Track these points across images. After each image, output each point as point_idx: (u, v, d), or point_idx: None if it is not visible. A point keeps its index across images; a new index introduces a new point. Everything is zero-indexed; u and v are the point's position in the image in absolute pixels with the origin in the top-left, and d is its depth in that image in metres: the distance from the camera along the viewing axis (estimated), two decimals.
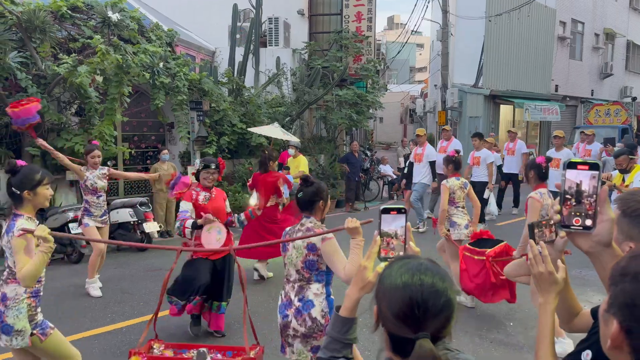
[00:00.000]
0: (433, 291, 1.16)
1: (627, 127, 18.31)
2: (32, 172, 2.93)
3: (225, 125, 10.59)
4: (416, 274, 1.19)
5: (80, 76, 7.35)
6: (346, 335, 1.50)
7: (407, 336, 1.15)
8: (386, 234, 1.50)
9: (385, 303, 1.20)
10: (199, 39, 14.64)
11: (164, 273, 6.73)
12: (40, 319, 3.01)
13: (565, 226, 1.13)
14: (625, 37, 25.67)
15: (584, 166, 1.11)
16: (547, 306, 1.52)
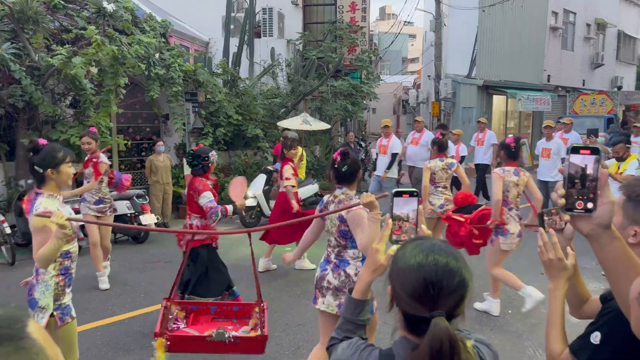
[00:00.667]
0: (447, 270, 1.19)
1: (613, 117, 18.17)
2: (54, 150, 2.91)
3: (221, 116, 10.55)
4: (430, 254, 1.22)
5: (75, 67, 7.28)
6: (359, 316, 1.53)
7: (422, 315, 1.18)
8: (398, 217, 1.52)
9: (400, 283, 1.23)
10: (193, 29, 14.53)
11: (163, 264, 6.78)
12: (65, 302, 2.95)
13: (568, 209, 1.16)
14: (616, 27, 25.80)
15: (586, 151, 1.14)
16: (557, 292, 1.57)
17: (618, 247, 1.15)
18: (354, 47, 14.79)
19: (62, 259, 2.87)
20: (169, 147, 10.31)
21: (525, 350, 4.38)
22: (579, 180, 1.15)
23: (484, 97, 19.44)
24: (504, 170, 4.98)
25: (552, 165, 8.84)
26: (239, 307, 3.54)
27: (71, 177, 2.98)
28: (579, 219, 1.17)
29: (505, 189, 4.96)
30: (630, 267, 1.14)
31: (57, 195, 2.91)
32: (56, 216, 2.55)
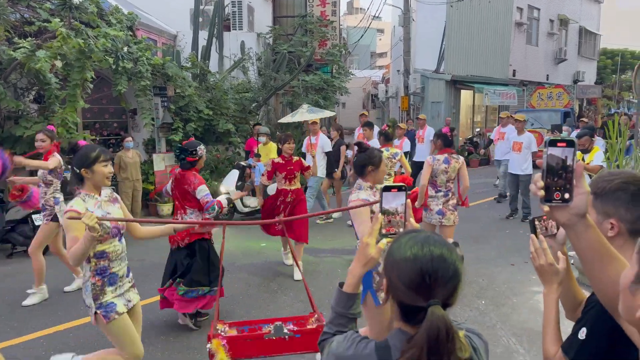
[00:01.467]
0: (442, 261, 1.23)
1: (569, 111, 18.22)
2: (88, 150, 2.96)
3: (191, 111, 10.38)
4: (425, 246, 1.26)
5: (40, 61, 7.03)
6: (350, 310, 1.55)
7: (418, 304, 1.21)
8: (387, 211, 1.55)
9: (396, 274, 1.26)
10: (160, 22, 14.23)
11: (137, 262, 6.64)
12: (107, 300, 2.97)
13: (547, 201, 1.20)
14: (577, 23, 26.54)
15: (563, 143, 1.19)
16: (550, 296, 1.63)
17: (593, 235, 1.19)
18: (325, 42, 14.78)
19: (96, 260, 2.93)
20: (137, 142, 10.10)
21: (500, 340, 4.48)
22: (556, 172, 1.19)
23: (452, 91, 19.74)
24: (434, 159, 5.64)
25: (522, 158, 9.07)
26: (293, 322, 3.35)
27: (107, 177, 2.99)
28: (556, 209, 1.21)
29: (434, 174, 5.60)
30: (605, 254, 1.19)
31: (95, 195, 2.96)
32: (87, 217, 2.57)
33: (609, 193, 1.55)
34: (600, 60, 31.40)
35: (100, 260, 2.94)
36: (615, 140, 6.10)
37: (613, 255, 1.20)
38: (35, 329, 4.71)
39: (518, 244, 7.50)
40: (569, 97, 19.34)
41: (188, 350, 4.25)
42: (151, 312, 5.01)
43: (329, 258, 6.98)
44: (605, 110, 25.81)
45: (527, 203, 9.07)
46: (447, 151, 5.64)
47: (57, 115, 7.61)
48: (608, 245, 1.21)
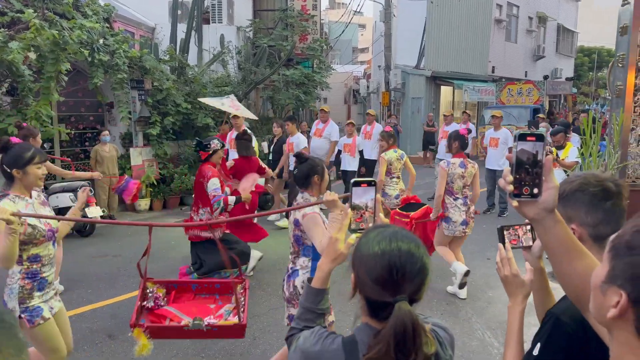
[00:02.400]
0: (410, 256, 1.23)
1: (539, 107, 17.76)
2: (22, 150, 2.80)
3: (169, 105, 10.25)
4: (393, 241, 1.25)
5: (13, 53, 6.87)
6: (318, 305, 1.54)
7: (385, 300, 1.21)
8: (357, 206, 1.53)
9: (364, 269, 1.25)
10: (138, 14, 14.01)
11: (112, 259, 6.56)
12: (33, 304, 2.83)
13: (516, 195, 1.19)
14: (556, 21, 26.91)
15: (532, 137, 1.18)
16: (515, 307, 1.57)
17: (561, 230, 1.18)
18: (306, 36, 14.73)
19: (29, 263, 2.78)
20: (114, 136, 9.94)
21: (475, 333, 4.54)
22: (525, 166, 1.18)
23: (432, 87, 19.87)
24: (449, 163, 5.23)
25: (499, 154, 9.18)
26: (221, 285, 3.44)
27: (40, 178, 2.86)
28: (525, 205, 1.20)
29: (450, 180, 5.21)
30: (573, 249, 1.18)
31: (25, 197, 2.82)
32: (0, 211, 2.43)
33: (569, 195, 1.48)
34: (578, 57, 31.91)
35: (33, 263, 2.81)
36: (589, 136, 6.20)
37: (581, 251, 1.19)
38: None
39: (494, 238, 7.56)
40: (539, 94, 18.82)
41: (164, 346, 4.21)
42: (125, 308, 4.96)
43: None
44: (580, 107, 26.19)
45: (504, 198, 9.19)
46: (462, 155, 5.27)
47: (31, 108, 7.45)
48: (576, 240, 1.20)
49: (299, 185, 3.23)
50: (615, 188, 1.47)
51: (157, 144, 10.04)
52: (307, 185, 3.18)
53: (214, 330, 2.96)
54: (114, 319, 4.75)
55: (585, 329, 1.32)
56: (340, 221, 1.54)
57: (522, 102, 18.69)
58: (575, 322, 1.36)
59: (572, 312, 1.37)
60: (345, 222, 1.51)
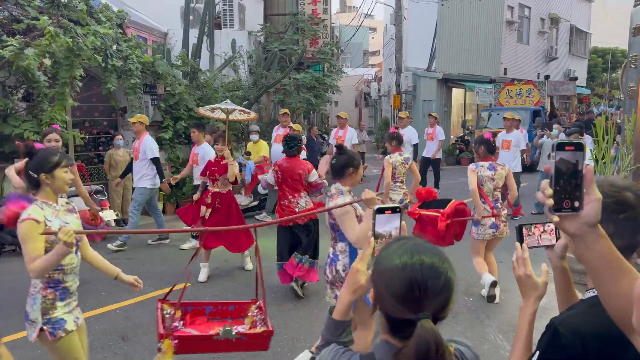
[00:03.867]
0: (433, 271, 1.16)
1: (540, 109, 16.74)
2: (49, 155, 2.73)
3: (182, 109, 10.35)
4: (415, 254, 1.18)
5: (28, 59, 6.99)
6: (340, 338, 1.46)
7: (407, 317, 1.14)
8: (380, 235, 1.44)
9: (384, 284, 1.19)
10: (151, 20, 14.18)
11: (125, 261, 6.63)
12: (56, 316, 2.74)
13: (556, 209, 1.11)
14: (568, 22, 26.70)
15: (571, 147, 1.10)
16: (526, 309, 1.51)
17: (605, 246, 1.09)
18: (316, 40, 14.78)
19: (51, 272, 2.68)
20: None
21: (487, 336, 4.52)
22: (565, 178, 1.10)
23: (443, 90, 19.82)
24: (478, 165, 5.16)
25: (511, 156, 9.12)
26: (235, 307, 3.40)
27: (68, 183, 2.79)
28: (565, 219, 1.12)
29: (479, 182, 5.12)
30: (617, 266, 1.10)
31: (52, 203, 2.74)
32: (64, 233, 2.38)
33: None
34: (591, 58, 31.62)
35: (55, 272, 2.71)
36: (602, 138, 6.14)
37: (626, 267, 1.10)
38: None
39: (506, 241, 7.52)
40: (539, 95, 17.55)
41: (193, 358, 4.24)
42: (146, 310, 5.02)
43: None
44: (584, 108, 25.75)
45: (518, 201, 9.13)
46: (490, 159, 5.22)
47: (46, 114, 7.57)
48: (620, 256, 1.11)
49: (334, 174, 3.48)
50: (635, 199, 1.38)
51: (170, 148, 10.14)
52: (341, 176, 3.46)
53: (243, 339, 2.93)
54: (127, 321, 4.80)
55: (584, 343, 1.27)
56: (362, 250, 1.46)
57: (522, 104, 17.38)
58: (574, 335, 1.31)
59: (571, 324, 1.33)
60: (368, 252, 1.42)
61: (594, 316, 1.32)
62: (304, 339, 4.40)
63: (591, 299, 1.38)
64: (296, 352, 4.16)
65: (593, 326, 1.30)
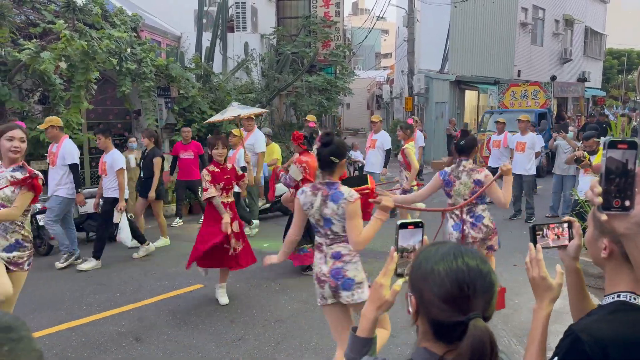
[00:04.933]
0: (478, 272, 1.17)
1: (545, 112, 16.04)
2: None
3: (195, 112, 10.42)
4: (459, 257, 1.18)
5: (44, 63, 7.09)
6: (366, 355, 1.44)
7: (456, 319, 1.13)
8: (404, 249, 1.43)
9: (429, 287, 1.17)
10: (164, 23, 14.30)
11: (139, 262, 6.68)
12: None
13: (605, 208, 1.09)
14: (583, 23, 26.43)
15: (624, 145, 1.08)
16: (540, 312, 1.48)
17: None
18: (328, 42, 14.81)
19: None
20: (141, 143, 10.13)
21: (500, 340, 4.47)
22: (616, 176, 1.08)
23: (456, 92, 19.70)
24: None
25: (526, 158, 9.04)
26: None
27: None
28: (614, 218, 1.10)
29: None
30: None
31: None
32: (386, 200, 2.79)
33: None
34: (607, 60, 31.26)
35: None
36: None
37: None
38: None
39: (521, 245, 7.46)
40: (545, 96, 16.76)
41: (189, 349, 4.26)
42: (160, 311, 5.05)
43: None
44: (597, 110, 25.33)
45: (531, 204, 9.04)
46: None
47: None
48: None
49: (464, 154, 4.24)
50: None
51: None
52: (469, 154, 4.27)
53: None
54: (141, 321, 4.83)
55: (605, 351, 1.25)
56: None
57: (527, 106, 16.57)
58: (595, 343, 1.28)
59: (594, 331, 1.30)
60: (391, 267, 1.40)
61: (615, 323, 1.30)
62: (316, 342, 4.39)
63: (611, 305, 1.35)
64: (309, 354, 4.16)
65: (614, 333, 1.28)
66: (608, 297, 1.39)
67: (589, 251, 1.45)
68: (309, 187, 3.15)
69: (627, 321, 1.27)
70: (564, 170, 8.91)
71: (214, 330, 4.61)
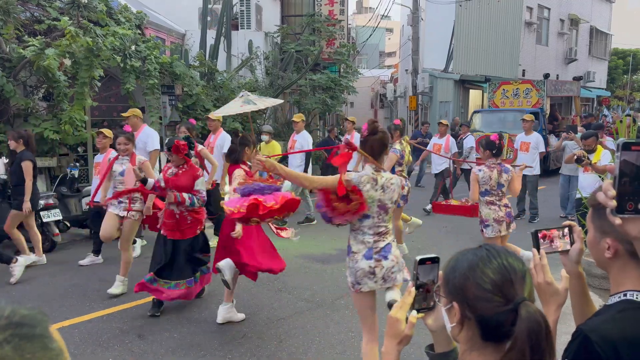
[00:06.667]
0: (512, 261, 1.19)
1: (538, 112, 14.91)
2: None
3: (199, 109, 10.43)
4: (490, 250, 1.22)
5: (48, 59, 7.10)
6: None
7: (506, 309, 1.13)
8: (423, 284, 1.42)
9: (472, 283, 1.18)
10: (169, 21, 14.31)
11: (142, 259, 6.69)
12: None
13: (619, 211, 1.07)
14: (588, 23, 26.33)
15: (637, 147, 1.06)
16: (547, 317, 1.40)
17: None
18: (333, 41, 14.78)
19: None
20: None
21: None
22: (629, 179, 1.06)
23: (460, 91, 19.69)
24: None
25: (530, 158, 8.98)
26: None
27: None
28: (627, 221, 1.08)
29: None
30: None
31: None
32: None
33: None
34: (612, 60, 31.12)
35: None
36: None
37: None
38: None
39: (524, 245, 7.43)
40: (538, 95, 15.94)
41: (192, 347, 4.26)
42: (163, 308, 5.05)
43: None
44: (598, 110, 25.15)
45: (535, 204, 9.01)
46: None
47: (66, 113, 7.68)
48: None
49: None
50: None
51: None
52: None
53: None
54: (144, 319, 4.84)
55: (616, 350, 1.24)
56: (402, 299, 1.42)
57: (519, 105, 15.89)
58: (606, 343, 1.28)
59: (603, 331, 1.29)
60: (408, 301, 1.38)
61: (623, 321, 1.30)
62: (318, 341, 4.38)
63: (618, 304, 1.35)
64: (312, 353, 4.15)
65: (623, 332, 1.28)
66: (614, 296, 1.39)
67: (592, 253, 1.44)
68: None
69: (636, 319, 1.27)
70: (571, 170, 8.87)
71: (217, 328, 4.61)
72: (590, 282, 5.20)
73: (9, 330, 0.73)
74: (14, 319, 0.75)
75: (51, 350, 0.75)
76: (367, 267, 3.11)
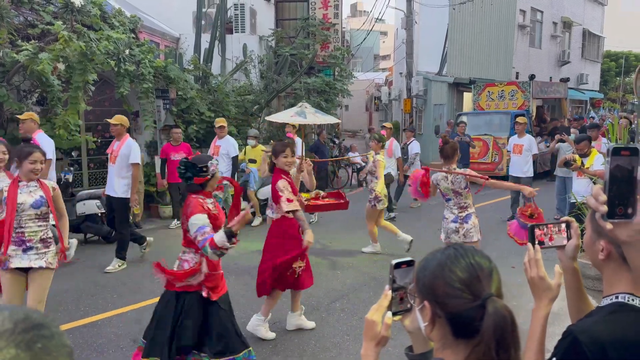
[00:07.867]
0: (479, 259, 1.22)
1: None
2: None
3: (193, 113, 10.42)
4: (458, 250, 1.24)
5: (42, 63, 7.08)
6: None
7: (474, 304, 1.15)
8: (401, 287, 1.43)
9: (442, 281, 1.20)
10: (163, 25, 14.30)
11: (135, 264, 6.67)
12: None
13: (610, 216, 1.08)
14: (581, 26, 26.51)
15: (627, 152, 1.07)
16: (538, 312, 1.47)
17: None
18: (327, 44, 14.82)
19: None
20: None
21: None
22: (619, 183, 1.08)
23: (454, 94, 19.75)
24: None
25: (523, 161, 9.04)
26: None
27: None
28: (616, 226, 1.09)
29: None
30: None
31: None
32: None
33: None
34: (604, 62, 31.35)
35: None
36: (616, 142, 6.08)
37: None
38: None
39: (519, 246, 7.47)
40: (524, 97, 15.62)
41: None
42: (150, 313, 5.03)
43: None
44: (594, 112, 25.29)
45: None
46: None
47: (60, 118, 7.65)
48: None
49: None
50: None
51: None
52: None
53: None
54: (139, 323, 4.82)
55: (604, 352, 1.25)
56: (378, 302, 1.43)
57: (505, 107, 15.60)
58: (595, 344, 1.28)
59: (593, 333, 1.30)
60: (384, 304, 1.39)
61: (613, 323, 1.30)
62: (314, 344, 4.39)
63: (609, 306, 1.35)
64: (307, 357, 4.15)
65: (613, 334, 1.28)
66: (606, 298, 1.40)
67: (588, 253, 1.45)
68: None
69: (626, 322, 1.27)
70: (565, 172, 8.91)
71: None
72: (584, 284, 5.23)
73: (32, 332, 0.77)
74: (34, 321, 0.79)
75: (67, 347, 0.81)
76: (453, 227, 5.01)
